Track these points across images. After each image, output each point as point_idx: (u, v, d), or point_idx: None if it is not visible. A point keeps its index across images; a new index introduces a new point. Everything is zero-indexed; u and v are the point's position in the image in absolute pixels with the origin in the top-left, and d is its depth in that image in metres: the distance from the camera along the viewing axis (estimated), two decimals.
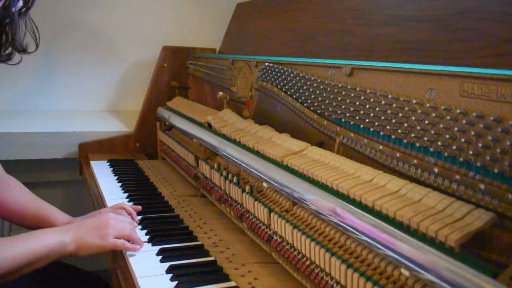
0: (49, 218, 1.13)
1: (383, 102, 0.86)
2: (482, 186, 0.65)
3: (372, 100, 0.89)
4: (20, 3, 0.95)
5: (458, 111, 0.70)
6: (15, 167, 1.48)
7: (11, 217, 1.15)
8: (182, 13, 2.34)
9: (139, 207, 1.23)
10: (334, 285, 0.75)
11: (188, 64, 2.05)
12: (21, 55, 1.02)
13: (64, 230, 0.97)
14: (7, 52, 0.98)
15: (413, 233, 0.62)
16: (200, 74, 1.91)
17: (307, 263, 0.82)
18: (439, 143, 0.73)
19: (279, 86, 1.25)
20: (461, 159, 0.69)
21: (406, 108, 0.80)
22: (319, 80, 1.07)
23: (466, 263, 0.54)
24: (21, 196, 1.16)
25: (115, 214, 1.11)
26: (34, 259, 0.88)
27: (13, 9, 0.94)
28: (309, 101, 1.10)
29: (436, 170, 0.73)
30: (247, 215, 1.04)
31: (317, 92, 1.07)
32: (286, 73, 1.21)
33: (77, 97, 2.22)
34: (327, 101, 1.03)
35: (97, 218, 1.04)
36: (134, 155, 1.93)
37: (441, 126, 0.73)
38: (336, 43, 1.26)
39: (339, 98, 0.99)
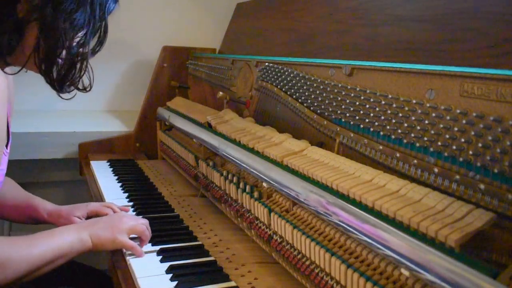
0: (34, 204, 1.18)
1: (383, 102, 0.86)
2: (482, 186, 0.65)
3: (372, 100, 0.89)
4: (94, 42, 1.01)
5: (458, 111, 0.70)
6: (15, 167, 1.48)
7: (4, 213, 1.18)
8: (182, 13, 2.34)
9: (127, 208, 1.26)
10: (334, 285, 0.75)
11: (188, 64, 2.05)
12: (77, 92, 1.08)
13: (81, 227, 0.99)
14: (69, 89, 1.04)
15: (413, 233, 0.62)
16: (200, 74, 1.91)
17: (307, 263, 0.82)
18: (439, 143, 0.73)
19: (279, 86, 1.25)
20: (461, 159, 0.69)
21: (406, 108, 0.80)
22: (319, 80, 1.07)
23: (466, 263, 0.54)
24: (12, 190, 1.21)
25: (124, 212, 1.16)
26: (58, 255, 0.91)
27: (87, 48, 0.99)
28: (309, 101, 1.10)
29: (436, 170, 0.73)
30: (247, 215, 1.04)
31: (317, 92, 1.07)
32: (286, 73, 1.21)
33: (77, 97, 2.21)
34: (327, 101, 1.03)
35: (111, 216, 1.07)
36: (134, 155, 1.93)
37: (441, 126, 0.73)
38: (336, 43, 1.26)
39: (339, 98, 0.99)
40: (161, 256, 0.99)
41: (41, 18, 0.90)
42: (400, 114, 0.81)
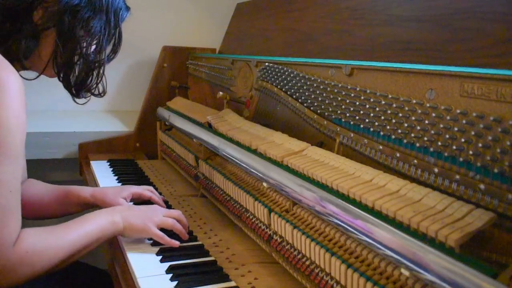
0: (73, 191, 1.18)
1: (383, 102, 0.86)
2: (482, 186, 0.65)
3: (372, 100, 0.89)
4: (109, 50, 1.05)
5: (458, 111, 0.70)
6: None
7: (42, 212, 1.18)
8: (182, 13, 2.34)
9: (162, 198, 1.28)
10: (334, 285, 0.75)
11: (188, 64, 2.05)
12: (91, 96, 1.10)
13: (113, 210, 1.02)
14: (86, 95, 1.07)
15: (413, 233, 0.62)
16: (200, 74, 1.91)
17: (307, 263, 0.82)
18: (439, 143, 0.73)
19: (279, 86, 1.25)
20: (461, 159, 0.69)
21: (406, 108, 0.80)
22: (319, 80, 1.07)
23: (466, 263, 0.54)
24: (42, 188, 1.20)
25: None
26: (91, 241, 0.92)
27: (104, 54, 1.03)
28: (309, 101, 1.10)
29: (436, 170, 0.73)
30: (247, 215, 1.04)
31: (317, 92, 1.07)
32: (286, 73, 1.21)
33: None
34: (327, 101, 1.03)
35: (145, 206, 1.10)
36: (134, 155, 1.92)
37: (441, 126, 0.73)
38: (336, 43, 1.26)
39: (339, 98, 0.99)
40: (161, 256, 0.98)
41: (59, 26, 0.93)
42: (400, 114, 0.81)
